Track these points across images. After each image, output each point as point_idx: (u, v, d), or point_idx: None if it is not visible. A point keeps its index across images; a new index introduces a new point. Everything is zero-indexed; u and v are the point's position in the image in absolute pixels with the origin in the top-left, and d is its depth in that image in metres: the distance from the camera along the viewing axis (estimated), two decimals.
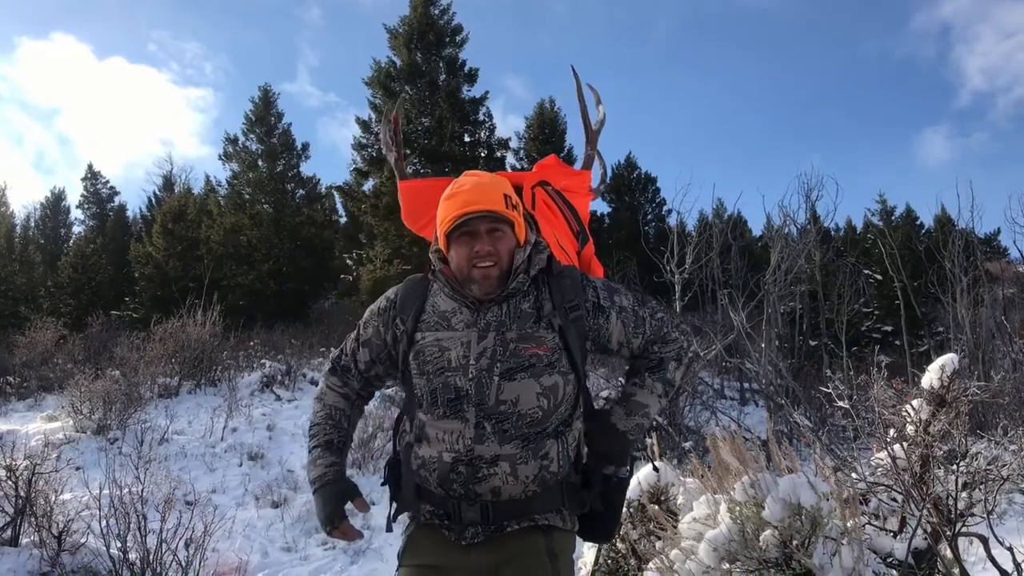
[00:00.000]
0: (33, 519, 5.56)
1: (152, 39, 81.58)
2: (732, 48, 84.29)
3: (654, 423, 9.97)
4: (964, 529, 3.41)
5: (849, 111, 74.89)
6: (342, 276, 28.92)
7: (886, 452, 3.71)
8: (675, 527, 3.25)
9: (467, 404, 2.19)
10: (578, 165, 3.26)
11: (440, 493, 2.24)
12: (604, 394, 10.92)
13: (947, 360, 3.82)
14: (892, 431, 3.87)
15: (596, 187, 3.16)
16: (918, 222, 31.52)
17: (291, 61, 79.35)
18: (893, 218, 31.74)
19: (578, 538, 2.47)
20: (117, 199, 41.54)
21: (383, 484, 2.47)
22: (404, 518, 2.44)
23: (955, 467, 3.46)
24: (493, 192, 2.28)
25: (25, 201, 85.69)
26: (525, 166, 29.19)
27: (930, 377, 3.82)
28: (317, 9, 75.43)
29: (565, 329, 2.25)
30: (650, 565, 3.34)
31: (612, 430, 2.37)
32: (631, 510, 3.98)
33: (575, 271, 2.43)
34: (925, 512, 3.34)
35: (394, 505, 2.42)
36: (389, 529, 2.46)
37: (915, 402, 3.83)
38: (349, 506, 2.38)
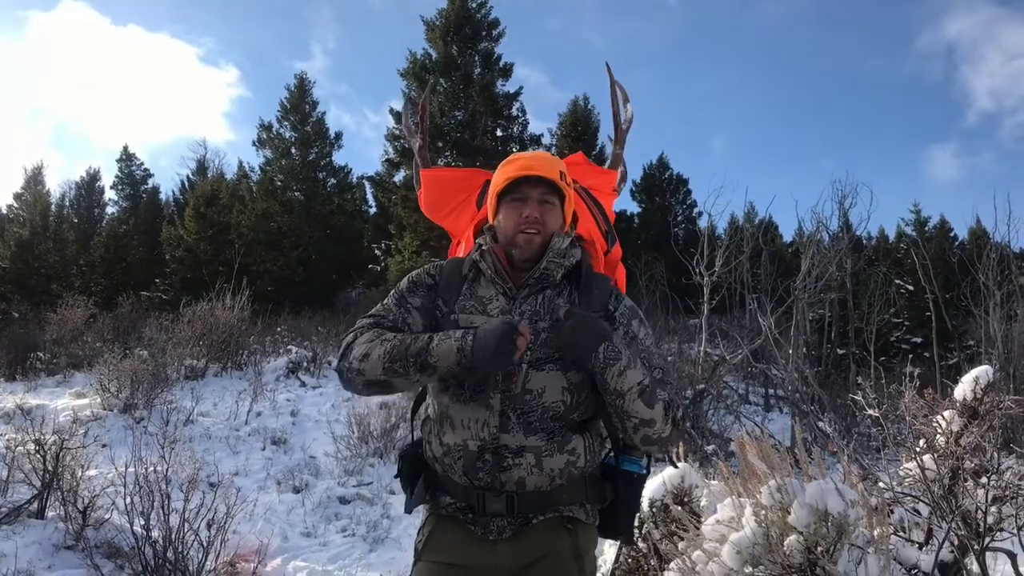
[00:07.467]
0: (59, 493, 5.64)
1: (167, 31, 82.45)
2: (735, 63, 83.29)
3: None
4: (992, 544, 3.36)
5: (855, 125, 74.49)
6: (370, 266, 29.14)
7: (915, 463, 3.66)
8: (698, 528, 3.22)
9: (493, 391, 2.16)
10: (607, 164, 3.23)
11: (464, 483, 2.21)
12: None
13: (981, 372, 3.75)
14: (922, 442, 3.81)
15: (618, 187, 3.13)
16: (952, 233, 31.20)
17: (305, 51, 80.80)
18: (927, 229, 31.46)
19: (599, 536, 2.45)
20: (150, 181, 41.87)
21: (396, 476, 2.45)
22: (420, 509, 2.42)
23: (985, 481, 3.40)
24: (551, 164, 2.34)
25: (59, 180, 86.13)
26: None
27: (963, 388, 3.76)
28: (328, 10, 76.66)
29: None
30: (671, 565, 3.30)
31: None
32: (654, 510, 3.96)
33: (606, 282, 2.41)
34: (953, 525, 3.29)
35: (411, 494, 2.37)
36: (408, 511, 2.43)
37: (947, 413, 3.77)
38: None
